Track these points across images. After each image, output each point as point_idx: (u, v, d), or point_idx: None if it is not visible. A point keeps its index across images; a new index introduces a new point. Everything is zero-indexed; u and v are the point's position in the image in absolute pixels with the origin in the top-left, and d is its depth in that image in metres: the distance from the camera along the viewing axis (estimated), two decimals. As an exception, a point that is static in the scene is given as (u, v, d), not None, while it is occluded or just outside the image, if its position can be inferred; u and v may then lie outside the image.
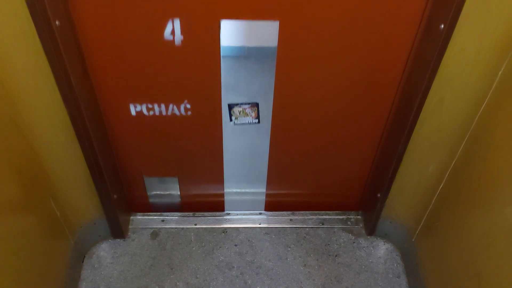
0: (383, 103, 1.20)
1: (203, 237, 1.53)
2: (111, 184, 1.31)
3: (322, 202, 1.58)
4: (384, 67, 1.11)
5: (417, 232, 1.41)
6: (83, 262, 1.46)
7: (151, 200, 1.53)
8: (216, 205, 1.57)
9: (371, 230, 1.52)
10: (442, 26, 0.91)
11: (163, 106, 1.19)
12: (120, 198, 1.40)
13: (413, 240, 1.44)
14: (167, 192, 1.51)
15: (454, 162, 1.17)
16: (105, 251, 1.49)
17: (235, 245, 1.51)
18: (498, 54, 0.95)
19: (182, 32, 1.02)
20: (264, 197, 1.54)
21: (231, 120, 1.24)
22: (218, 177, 1.45)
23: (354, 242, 1.53)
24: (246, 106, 1.20)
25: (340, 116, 1.24)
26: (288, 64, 1.10)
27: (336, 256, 1.50)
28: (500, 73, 0.96)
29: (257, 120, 1.24)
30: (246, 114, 1.23)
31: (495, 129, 0.98)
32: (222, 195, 1.53)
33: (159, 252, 1.49)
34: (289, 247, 1.51)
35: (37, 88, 1.03)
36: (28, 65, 0.98)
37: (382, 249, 1.52)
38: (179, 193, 1.51)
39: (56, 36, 0.91)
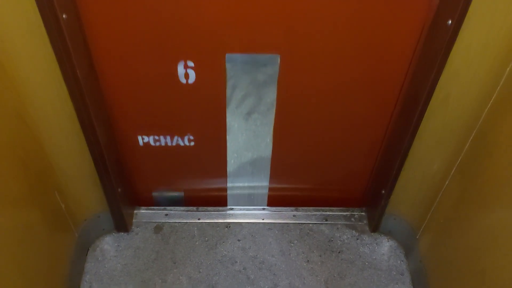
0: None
1: (206, 232, 1.53)
2: (116, 178, 1.31)
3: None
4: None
5: (421, 229, 1.41)
6: (86, 255, 1.47)
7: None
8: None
9: (375, 226, 1.52)
10: (450, 21, 0.91)
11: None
12: (124, 192, 1.41)
13: (417, 237, 1.44)
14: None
15: (460, 159, 1.17)
16: (108, 244, 1.49)
17: (238, 240, 1.51)
18: (506, 50, 0.95)
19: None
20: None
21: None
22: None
23: (357, 239, 1.53)
24: None
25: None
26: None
27: (339, 252, 1.50)
28: (508, 69, 0.96)
29: None
30: None
31: (502, 126, 0.98)
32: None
33: (162, 246, 1.49)
34: (292, 243, 1.51)
35: (43, 82, 1.03)
36: (35, 58, 0.98)
37: (385, 246, 1.52)
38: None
39: (63, 29, 0.91)
